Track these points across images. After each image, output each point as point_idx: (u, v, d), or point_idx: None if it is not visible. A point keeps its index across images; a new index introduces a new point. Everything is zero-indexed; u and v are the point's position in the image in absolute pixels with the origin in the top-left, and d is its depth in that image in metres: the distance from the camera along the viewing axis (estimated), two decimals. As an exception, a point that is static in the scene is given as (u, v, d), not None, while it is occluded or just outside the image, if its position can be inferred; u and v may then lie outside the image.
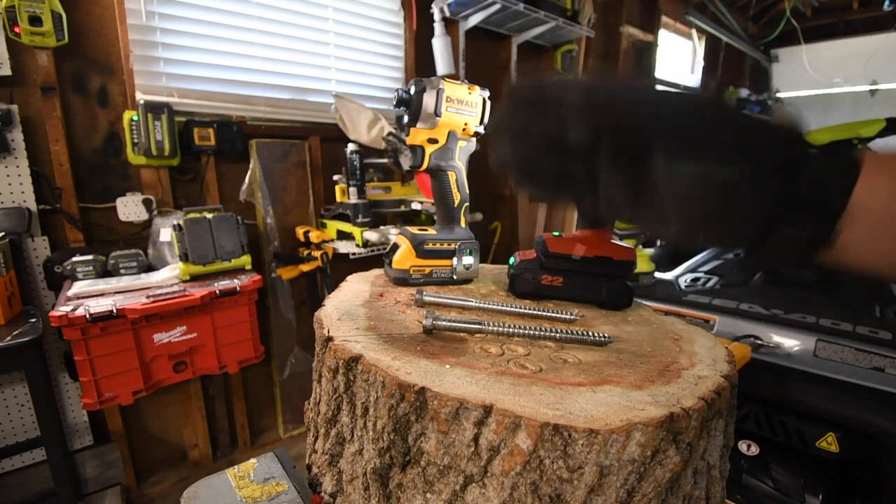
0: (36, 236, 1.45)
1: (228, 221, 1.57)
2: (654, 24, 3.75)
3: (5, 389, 1.44)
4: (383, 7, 2.19)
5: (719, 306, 1.18)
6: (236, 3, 1.76)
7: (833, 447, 0.96)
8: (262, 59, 1.86)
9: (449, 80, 0.57)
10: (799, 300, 1.17)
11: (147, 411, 1.73)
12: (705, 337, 0.47)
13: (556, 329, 0.43)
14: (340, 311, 0.47)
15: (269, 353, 1.98)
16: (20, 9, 1.28)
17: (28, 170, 1.40)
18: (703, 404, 0.32)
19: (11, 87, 1.37)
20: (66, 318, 1.19)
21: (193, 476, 1.72)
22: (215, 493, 0.43)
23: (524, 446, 0.29)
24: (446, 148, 0.59)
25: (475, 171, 0.64)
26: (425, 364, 0.36)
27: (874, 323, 1.03)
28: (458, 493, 0.32)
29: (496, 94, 0.49)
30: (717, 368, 0.38)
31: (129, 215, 1.59)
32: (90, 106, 1.53)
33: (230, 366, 1.56)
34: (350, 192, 1.80)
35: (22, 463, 1.49)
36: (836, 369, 0.99)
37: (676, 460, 0.30)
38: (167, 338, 1.41)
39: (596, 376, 0.36)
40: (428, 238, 0.58)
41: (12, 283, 1.31)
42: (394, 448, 0.34)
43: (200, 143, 1.66)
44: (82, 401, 1.29)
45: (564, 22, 2.55)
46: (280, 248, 1.95)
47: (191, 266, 1.50)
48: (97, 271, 1.46)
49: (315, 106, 2.03)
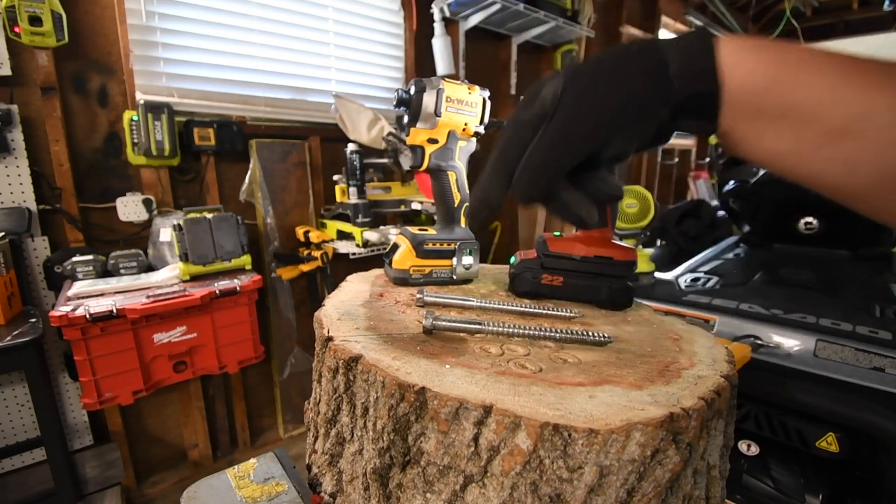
0: (36, 236, 1.45)
1: (228, 221, 1.57)
2: (654, 24, 3.75)
3: (5, 389, 1.44)
4: (383, 7, 2.19)
5: (719, 306, 1.18)
6: (236, 3, 1.76)
7: (833, 447, 0.96)
8: (262, 59, 1.86)
9: (449, 80, 0.57)
10: (799, 300, 1.17)
11: (147, 411, 1.73)
12: (705, 337, 0.47)
13: (555, 329, 0.43)
14: (340, 311, 0.47)
15: (269, 353, 1.98)
16: (20, 9, 1.28)
17: (28, 170, 1.40)
18: (702, 404, 0.32)
19: (11, 87, 1.37)
20: (66, 318, 1.19)
21: (193, 476, 1.72)
22: (215, 493, 0.43)
23: (524, 446, 0.29)
24: (446, 148, 0.59)
25: (475, 172, 0.64)
26: (425, 364, 0.36)
27: (874, 323, 1.03)
28: (458, 493, 0.32)
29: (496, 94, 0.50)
30: (717, 368, 0.38)
31: (129, 215, 1.59)
32: (90, 106, 1.53)
33: (230, 366, 1.56)
34: (350, 192, 1.81)
35: (22, 463, 1.49)
36: (836, 369, 0.99)
37: (676, 460, 0.30)
38: (167, 338, 1.41)
39: (596, 376, 0.36)
40: (428, 238, 0.58)
41: (12, 283, 1.31)
42: (394, 448, 0.34)
43: (200, 143, 1.66)
44: (82, 401, 1.29)
45: (564, 22, 2.55)
46: (280, 248, 1.95)
47: (191, 266, 1.50)
48: (97, 271, 1.46)
49: (315, 106, 2.03)
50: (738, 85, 0.31)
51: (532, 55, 2.87)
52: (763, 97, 0.30)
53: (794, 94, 0.29)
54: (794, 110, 0.29)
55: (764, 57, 0.30)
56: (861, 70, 0.29)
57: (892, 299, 1.17)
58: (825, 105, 0.28)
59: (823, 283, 1.29)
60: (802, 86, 0.29)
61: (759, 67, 0.30)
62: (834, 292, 1.23)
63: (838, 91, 0.28)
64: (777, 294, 1.23)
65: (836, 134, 0.28)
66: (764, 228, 1.61)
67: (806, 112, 0.29)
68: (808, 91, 0.29)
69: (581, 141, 0.33)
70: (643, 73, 0.32)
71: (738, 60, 0.31)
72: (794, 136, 0.30)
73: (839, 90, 0.28)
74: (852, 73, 0.28)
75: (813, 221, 1.44)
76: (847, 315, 1.07)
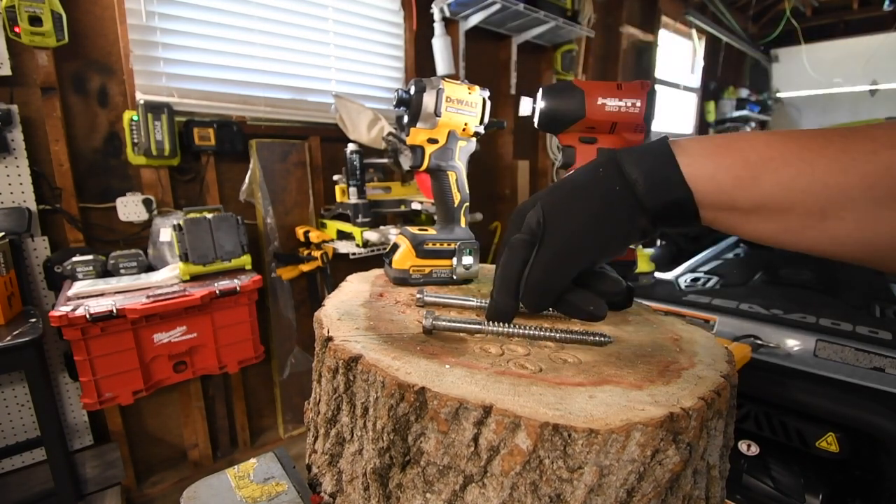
0: (36, 236, 1.45)
1: (228, 221, 1.57)
2: (654, 24, 3.75)
3: (5, 389, 1.44)
4: (383, 7, 2.19)
5: (719, 306, 1.18)
6: (236, 3, 1.76)
7: (833, 447, 0.96)
8: (262, 59, 1.86)
9: (449, 80, 0.57)
10: (799, 300, 1.17)
11: (147, 411, 1.73)
12: (705, 337, 0.47)
13: (555, 329, 0.43)
14: (340, 311, 0.47)
15: (269, 353, 1.98)
16: (20, 9, 1.28)
17: (28, 170, 1.40)
18: (702, 404, 0.32)
19: (11, 87, 1.37)
20: (66, 318, 1.19)
21: (193, 476, 1.73)
22: (215, 493, 0.43)
23: (524, 446, 0.29)
24: (446, 148, 0.59)
25: (475, 171, 0.64)
26: (425, 364, 0.36)
27: (874, 323, 1.03)
28: (458, 493, 0.32)
29: (496, 94, 0.50)
30: (717, 368, 0.38)
31: (129, 215, 1.59)
32: (90, 106, 1.53)
33: (230, 366, 1.56)
34: (350, 192, 1.80)
35: (22, 463, 1.49)
36: (836, 369, 0.99)
37: (676, 460, 0.30)
38: (167, 338, 1.41)
39: (596, 376, 0.36)
40: (428, 238, 0.58)
41: (12, 283, 1.31)
42: (393, 448, 0.34)
43: (200, 143, 1.66)
44: (82, 401, 1.29)
45: (564, 22, 2.55)
46: (280, 248, 1.95)
47: (191, 266, 1.50)
48: (97, 271, 1.46)
49: (315, 106, 2.03)
50: (705, 188, 0.32)
51: (532, 55, 2.87)
52: (733, 194, 0.31)
53: (762, 189, 0.30)
54: (767, 203, 0.30)
55: (721, 162, 0.31)
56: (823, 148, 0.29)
57: (892, 299, 1.17)
58: (796, 193, 0.29)
59: (823, 283, 1.29)
60: (768, 182, 0.30)
61: (718, 173, 0.31)
62: (834, 292, 1.23)
63: (805, 178, 0.29)
64: (777, 294, 1.23)
65: (816, 217, 0.29)
66: (764, 228, 1.61)
67: (780, 203, 0.30)
68: (776, 184, 0.29)
69: (571, 264, 0.37)
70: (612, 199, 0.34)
71: (698, 168, 0.32)
72: (777, 223, 0.31)
73: (806, 177, 0.29)
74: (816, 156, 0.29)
75: (813, 221, 1.43)
76: (847, 315, 1.07)
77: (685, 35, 4.34)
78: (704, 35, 4.50)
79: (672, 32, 4.13)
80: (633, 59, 3.72)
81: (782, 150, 0.30)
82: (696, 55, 4.61)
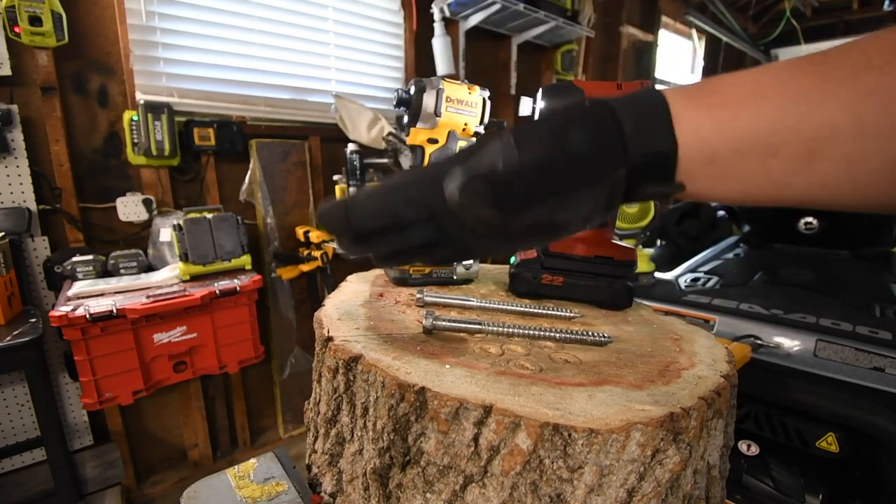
0: (36, 236, 1.45)
1: (228, 221, 1.57)
2: (654, 24, 3.75)
3: (5, 389, 1.44)
4: (383, 7, 2.19)
5: (719, 306, 1.18)
6: (236, 3, 1.76)
7: (833, 447, 0.96)
8: (262, 59, 1.86)
9: (449, 80, 0.57)
10: (799, 300, 1.17)
11: (147, 411, 1.73)
12: (705, 337, 0.47)
13: (555, 329, 0.43)
14: (340, 311, 0.47)
15: (269, 353, 1.98)
16: (20, 9, 1.28)
17: (28, 170, 1.40)
18: (702, 404, 0.32)
19: (11, 87, 1.37)
20: (66, 318, 1.19)
21: (193, 476, 1.72)
22: (215, 493, 0.43)
23: (524, 446, 0.29)
24: (446, 148, 0.59)
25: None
26: (425, 364, 0.36)
27: (874, 323, 1.03)
28: (458, 493, 0.32)
29: (496, 94, 0.50)
30: (717, 368, 0.38)
31: (129, 215, 1.59)
32: (90, 106, 1.53)
33: (230, 366, 1.56)
34: (350, 192, 1.80)
35: (22, 463, 1.49)
36: (836, 369, 0.98)
37: (676, 460, 0.30)
38: (167, 338, 1.41)
39: (596, 376, 0.36)
40: (428, 238, 0.58)
41: (12, 283, 1.31)
42: (394, 448, 0.34)
43: (200, 143, 1.66)
44: (82, 401, 1.29)
45: (564, 22, 2.55)
46: (280, 248, 1.95)
47: (191, 266, 1.50)
48: (97, 271, 1.46)
49: (315, 106, 2.03)
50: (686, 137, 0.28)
51: (532, 55, 2.87)
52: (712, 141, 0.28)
53: (743, 128, 0.27)
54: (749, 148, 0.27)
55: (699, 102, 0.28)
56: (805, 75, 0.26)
57: (892, 299, 1.17)
58: (781, 132, 0.26)
59: (823, 283, 1.29)
60: (747, 119, 0.27)
61: (698, 113, 0.28)
62: (834, 292, 1.23)
63: (791, 112, 0.26)
64: (777, 294, 1.23)
65: (803, 160, 0.26)
66: (764, 228, 1.61)
67: (763, 145, 0.27)
68: (756, 122, 0.26)
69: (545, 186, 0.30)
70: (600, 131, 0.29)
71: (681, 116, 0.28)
72: (761, 172, 0.27)
73: (791, 111, 0.26)
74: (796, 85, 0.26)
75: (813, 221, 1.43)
76: (847, 315, 1.07)
77: (685, 35, 4.34)
78: (704, 35, 4.50)
79: (672, 32, 4.13)
80: (633, 59, 3.72)
81: (761, 81, 0.27)
82: (696, 55, 4.61)
